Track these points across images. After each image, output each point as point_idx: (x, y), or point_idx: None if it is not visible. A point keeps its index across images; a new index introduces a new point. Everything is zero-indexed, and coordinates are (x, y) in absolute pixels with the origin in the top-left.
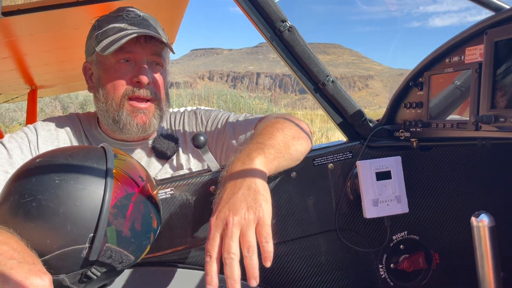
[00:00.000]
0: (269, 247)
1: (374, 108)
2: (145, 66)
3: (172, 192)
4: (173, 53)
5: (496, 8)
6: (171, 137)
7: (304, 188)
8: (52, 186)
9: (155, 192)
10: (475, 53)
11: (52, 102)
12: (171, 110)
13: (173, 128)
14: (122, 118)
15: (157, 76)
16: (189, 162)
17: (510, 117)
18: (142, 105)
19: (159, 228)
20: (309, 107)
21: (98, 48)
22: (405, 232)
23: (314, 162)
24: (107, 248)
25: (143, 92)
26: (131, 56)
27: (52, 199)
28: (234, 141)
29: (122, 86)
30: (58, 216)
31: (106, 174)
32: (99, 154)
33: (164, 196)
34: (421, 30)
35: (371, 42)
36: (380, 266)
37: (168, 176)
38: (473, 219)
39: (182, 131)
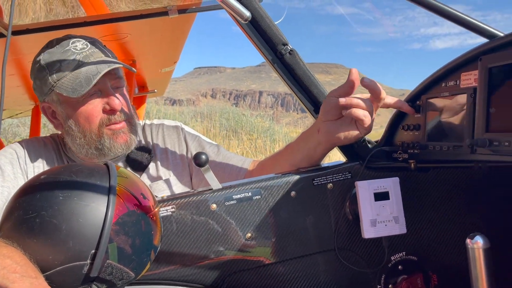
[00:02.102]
0: None
1: (376, 127)
2: (113, 93)
3: (173, 209)
4: (133, 71)
5: (490, 35)
6: (145, 149)
7: (304, 207)
8: (55, 203)
9: (156, 209)
10: (470, 78)
11: None
12: (144, 122)
13: (148, 139)
14: (105, 145)
15: (123, 97)
16: (168, 174)
17: (504, 141)
18: (119, 125)
19: (160, 245)
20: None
21: (63, 91)
22: (404, 252)
23: (314, 182)
24: (108, 265)
25: (118, 117)
26: (96, 87)
27: (56, 215)
28: (219, 168)
29: (96, 118)
30: (61, 232)
31: (109, 191)
32: (102, 172)
33: (165, 214)
34: (422, 51)
35: (372, 63)
36: (378, 286)
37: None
38: (468, 241)
39: (161, 143)
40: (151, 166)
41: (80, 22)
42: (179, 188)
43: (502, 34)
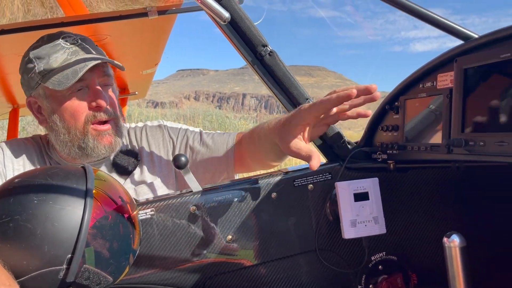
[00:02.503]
0: None
1: (358, 129)
2: (100, 89)
3: (153, 212)
4: (122, 69)
5: (465, 37)
6: (131, 153)
7: (285, 209)
8: (30, 207)
9: (135, 212)
10: (446, 79)
11: (34, 121)
12: (128, 125)
13: (133, 143)
14: (89, 144)
15: (111, 95)
16: (153, 177)
17: (479, 141)
18: (104, 127)
19: (139, 248)
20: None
21: (49, 84)
22: (384, 252)
23: (295, 183)
24: (84, 270)
25: (103, 115)
26: (83, 83)
27: (30, 219)
28: (212, 162)
29: (82, 114)
30: (36, 236)
31: (85, 194)
32: (79, 174)
33: (144, 217)
34: (403, 54)
35: (354, 65)
36: (359, 287)
37: (131, 190)
38: (444, 239)
39: (145, 146)
40: (137, 170)
41: (57, 23)
42: (164, 191)
43: (476, 36)
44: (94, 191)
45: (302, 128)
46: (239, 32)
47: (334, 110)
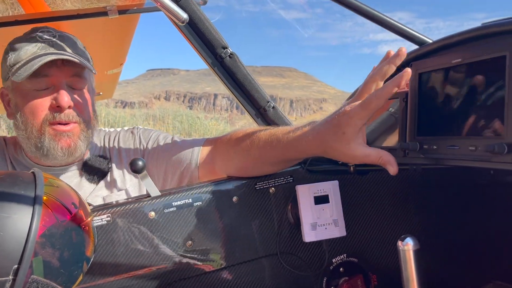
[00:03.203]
0: None
1: None
2: (64, 89)
3: (109, 219)
4: (93, 72)
5: (420, 42)
6: (103, 158)
7: (246, 212)
8: None
9: (89, 219)
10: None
11: None
12: (106, 130)
13: (106, 148)
14: (45, 144)
15: (79, 98)
16: (124, 183)
17: (432, 144)
18: (65, 127)
19: (93, 256)
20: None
21: (11, 75)
22: (344, 255)
23: (256, 186)
24: (32, 280)
25: (64, 117)
26: (48, 80)
27: None
28: (179, 164)
29: (41, 112)
30: None
31: (34, 201)
32: (28, 180)
33: (100, 223)
34: (371, 56)
35: (325, 67)
36: None
37: (100, 198)
38: (399, 242)
39: (117, 151)
40: (108, 175)
41: (11, 21)
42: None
43: (430, 41)
44: (44, 197)
45: (362, 132)
46: (198, 34)
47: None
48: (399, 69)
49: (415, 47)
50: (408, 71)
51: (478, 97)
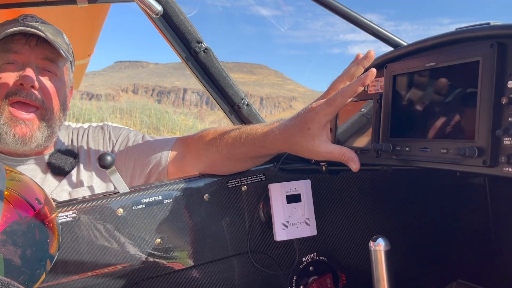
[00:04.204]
0: None
1: None
2: (31, 69)
3: (75, 215)
4: (70, 60)
5: (395, 44)
6: (70, 152)
7: (218, 210)
8: None
9: (53, 215)
10: (377, 85)
11: None
12: (74, 125)
13: (74, 143)
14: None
15: (47, 83)
16: (91, 180)
17: (405, 146)
18: (25, 115)
19: (57, 254)
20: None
21: None
22: (314, 254)
23: (228, 184)
24: None
25: (26, 95)
26: (18, 57)
27: None
28: (148, 161)
29: (4, 88)
30: None
31: None
32: None
33: (65, 220)
34: (341, 56)
35: (295, 65)
36: None
37: (66, 193)
38: (371, 243)
39: (85, 146)
40: (74, 171)
41: None
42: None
43: (405, 44)
44: (6, 192)
45: (326, 129)
46: (172, 27)
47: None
48: (375, 69)
49: (389, 48)
50: (373, 71)
51: (451, 101)
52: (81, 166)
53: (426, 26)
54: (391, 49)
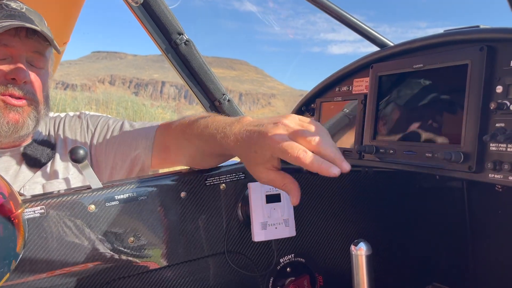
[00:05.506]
0: None
1: None
2: (22, 63)
3: (43, 211)
4: (58, 52)
5: (381, 44)
6: (47, 143)
7: (195, 208)
8: None
9: (19, 211)
10: (361, 85)
11: None
12: (52, 114)
13: (51, 134)
14: None
15: (36, 76)
16: (67, 171)
17: (389, 148)
18: (17, 102)
19: (22, 252)
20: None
21: None
22: (292, 255)
23: (206, 182)
24: None
25: (17, 90)
26: (7, 50)
27: None
28: (129, 152)
29: None
30: None
31: None
32: None
33: (32, 216)
34: (321, 55)
35: (275, 62)
36: None
37: (39, 185)
38: (352, 247)
39: (62, 136)
40: (50, 162)
41: None
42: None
43: (392, 44)
44: None
45: (274, 159)
46: (153, 17)
47: None
48: (359, 69)
49: (375, 48)
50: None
51: (437, 104)
52: (57, 156)
53: (404, 29)
54: (377, 49)
